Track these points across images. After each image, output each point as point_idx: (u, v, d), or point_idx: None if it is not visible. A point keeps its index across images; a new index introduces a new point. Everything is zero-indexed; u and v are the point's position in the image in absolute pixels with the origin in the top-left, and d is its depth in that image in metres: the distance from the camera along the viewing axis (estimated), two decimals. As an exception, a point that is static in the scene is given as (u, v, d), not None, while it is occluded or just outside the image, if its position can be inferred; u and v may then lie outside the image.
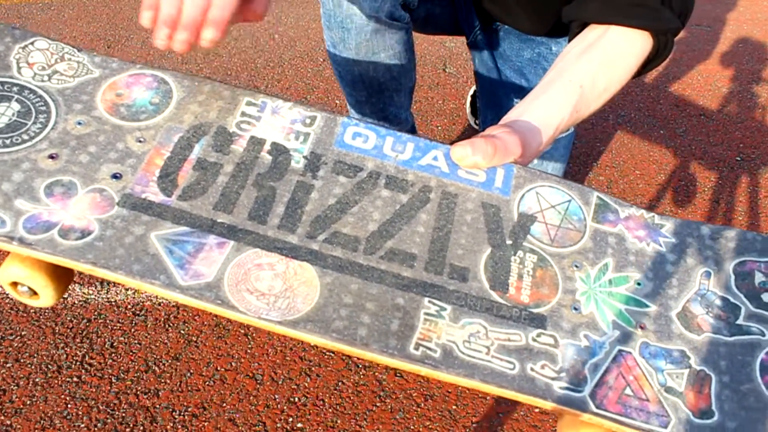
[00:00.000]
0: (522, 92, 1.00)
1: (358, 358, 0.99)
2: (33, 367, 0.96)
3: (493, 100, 1.06)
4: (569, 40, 0.69)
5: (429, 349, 0.41)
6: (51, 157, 0.46)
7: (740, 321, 0.47)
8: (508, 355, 0.42)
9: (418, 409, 0.93)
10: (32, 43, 0.51)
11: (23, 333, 1.01)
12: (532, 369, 0.42)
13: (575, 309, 0.46)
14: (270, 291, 0.42)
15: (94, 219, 0.43)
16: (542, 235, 0.49)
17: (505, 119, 0.61)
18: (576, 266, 0.48)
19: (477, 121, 1.54)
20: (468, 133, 1.58)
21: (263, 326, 0.41)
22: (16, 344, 0.99)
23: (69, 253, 0.41)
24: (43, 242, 0.41)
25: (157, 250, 0.42)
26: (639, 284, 0.48)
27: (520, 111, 0.61)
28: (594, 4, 0.63)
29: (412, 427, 0.91)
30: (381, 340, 0.41)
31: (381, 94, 1.00)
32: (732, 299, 0.48)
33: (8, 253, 0.43)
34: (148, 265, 0.42)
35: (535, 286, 0.46)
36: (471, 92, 1.59)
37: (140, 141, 0.48)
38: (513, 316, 0.44)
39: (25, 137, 0.46)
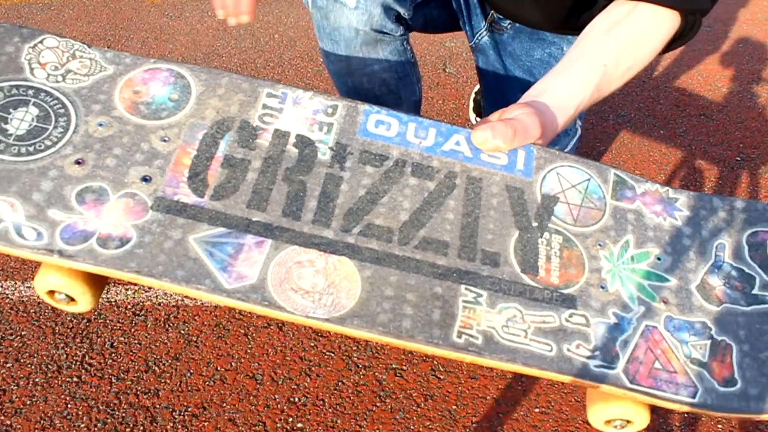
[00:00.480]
0: None
1: (358, 358, 0.99)
2: (33, 367, 0.96)
3: (501, 100, 1.04)
4: (587, 18, 0.67)
5: (471, 336, 0.42)
6: (77, 162, 0.45)
7: (756, 291, 0.48)
8: (545, 337, 0.44)
9: (418, 409, 0.93)
10: (41, 42, 0.50)
11: (23, 333, 1.01)
12: (568, 349, 0.43)
13: (602, 287, 0.47)
14: (314, 288, 0.42)
15: (130, 225, 0.43)
16: (566, 216, 0.50)
17: (525, 97, 0.60)
18: (600, 245, 0.49)
19: (479, 120, 1.53)
20: (468, 133, 1.58)
21: (311, 324, 0.42)
22: (16, 344, 0.99)
23: (111, 262, 0.41)
24: (84, 253, 0.41)
25: (197, 254, 0.43)
26: (659, 259, 0.49)
27: (541, 89, 0.60)
28: None
29: (412, 427, 0.91)
30: (425, 330, 0.42)
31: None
32: (747, 269, 0.49)
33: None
34: (192, 270, 0.42)
35: (563, 267, 0.47)
36: (475, 90, 1.58)
37: (165, 140, 0.48)
38: (545, 298, 0.45)
39: (48, 143, 0.46)
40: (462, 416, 0.93)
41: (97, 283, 0.44)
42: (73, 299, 0.44)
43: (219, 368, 0.97)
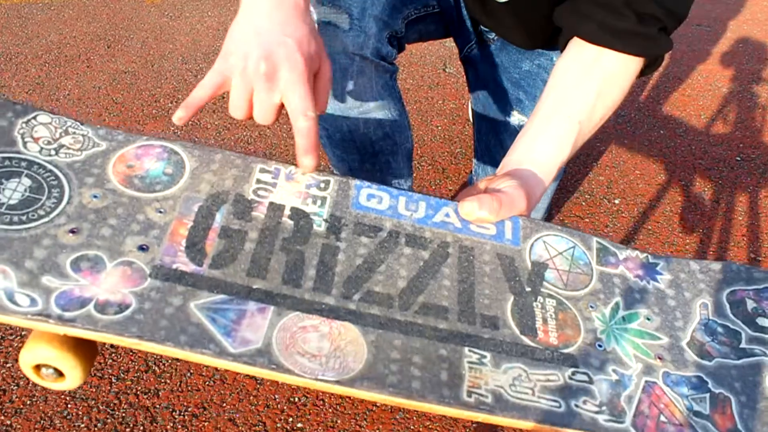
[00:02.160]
0: (519, 104, 0.98)
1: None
2: (33, 367, 0.96)
3: (489, 112, 1.04)
4: (561, 49, 0.68)
5: (480, 395, 0.43)
6: (72, 231, 0.45)
7: (743, 345, 0.50)
8: (552, 395, 0.45)
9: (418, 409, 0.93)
10: (34, 118, 0.51)
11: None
12: (576, 405, 0.44)
13: (599, 346, 0.49)
14: (320, 352, 0.43)
15: (128, 292, 0.43)
16: (556, 281, 0.52)
17: (507, 165, 0.62)
18: (591, 307, 0.51)
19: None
20: (468, 133, 1.58)
21: (321, 387, 0.42)
22: (16, 344, 0.99)
23: (111, 328, 0.40)
24: (82, 318, 0.40)
25: (199, 319, 0.42)
26: (649, 319, 0.51)
27: (521, 155, 0.62)
28: (590, 25, 0.62)
29: (412, 427, 0.91)
30: (435, 390, 0.43)
31: (375, 158, 0.90)
32: (731, 326, 0.51)
33: (22, 335, 0.42)
34: (195, 335, 0.41)
35: (560, 328, 0.49)
36: None
37: (161, 212, 0.48)
38: (547, 357, 0.47)
39: (41, 213, 0.45)
40: (462, 416, 0.93)
41: (88, 356, 0.43)
42: (61, 374, 0.42)
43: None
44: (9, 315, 0.40)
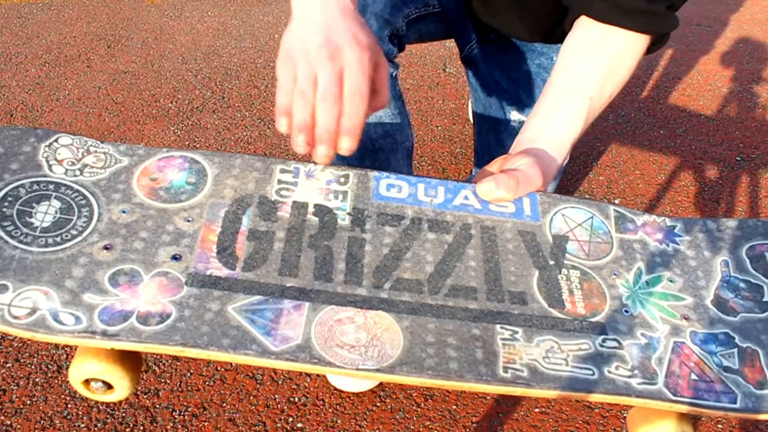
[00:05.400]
0: (519, 104, 0.99)
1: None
2: (33, 367, 0.96)
3: (489, 112, 1.04)
4: (567, 29, 0.68)
5: (516, 370, 0.44)
6: (106, 248, 0.46)
7: (766, 298, 0.52)
8: (585, 363, 0.46)
9: (418, 409, 0.93)
10: (56, 140, 0.52)
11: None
12: (609, 371, 0.46)
13: (626, 312, 0.50)
14: (358, 342, 0.44)
15: (167, 302, 0.44)
16: (578, 252, 0.53)
17: (521, 143, 0.62)
18: (615, 274, 0.52)
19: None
20: (468, 133, 1.58)
21: (362, 376, 0.43)
22: (16, 344, 0.99)
23: (155, 338, 0.42)
24: (126, 331, 0.42)
25: (239, 321, 0.44)
26: (671, 281, 0.52)
27: (534, 133, 0.62)
28: (599, 4, 0.63)
29: (412, 427, 0.91)
30: (472, 369, 0.44)
31: (375, 156, 0.89)
32: (753, 280, 0.53)
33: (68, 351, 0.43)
34: (237, 337, 0.43)
35: (586, 298, 0.50)
36: None
37: (189, 221, 0.49)
38: (576, 327, 0.48)
39: (74, 232, 0.47)
40: (462, 416, 0.93)
41: (134, 366, 0.45)
42: (110, 386, 0.44)
43: (219, 368, 0.97)
44: (56, 335, 0.41)
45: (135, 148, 0.53)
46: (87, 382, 0.43)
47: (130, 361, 0.44)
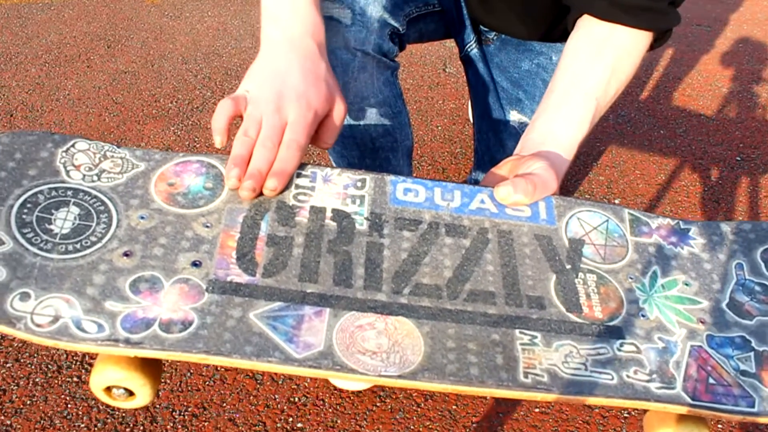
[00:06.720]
0: (519, 104, 0.99)
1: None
2: (33, 367, 0.96)
3: (488, 112, 1.04)
4: (569, 28, 0.68)
5: (536, 375, 0.44)
6: (125, 254, 0.46)
7: None
8: (604, 368, 0.46)
9: (418, 409, 0.93)
10: (73, 146, 0.52)
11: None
12: (627, 376, 0.45)
13: (643, 316, 0.50)
14: (379, 349, 0.44)
15: (189, 309, 0.44)
16: (594, 255, 0.53)
17: (528, 144, 0.63)
18: (631, 278, 0.52)
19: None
20: (468, 133, 1.58)
21: (384, 383, 0.43)
22: (16, 344, 0.99)
23: (178, 346, 0.41)
24: (149, 339, 0.41)
25: (261, 328, 0.43)
26: (687, 284, 0.52)
27: (542, 134, 0.63)
28: (601, 2, 0.63)
29: (412, 427, 0.91)
30: (493, 375, 0.44)
31: (375, 155, 0.89)
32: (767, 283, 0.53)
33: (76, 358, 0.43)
34: (259, 344, 0.42)
35: (603, 302, 0.50)
36: None
37: (207, 226, 0.49)
38: (594, 332, 0.48)
39: (94, 239, 0.47)
40: (462, 416, 0.93)
41: (155, 372, 0.44)
42: (132, 393, 0.44)
43: (219, 368, 0.97)
44: (79, 343, 0.41)
45: (151, 152, 0.53)
46: (108, 389, 0.43)
47: (151, 367, 0.44)
